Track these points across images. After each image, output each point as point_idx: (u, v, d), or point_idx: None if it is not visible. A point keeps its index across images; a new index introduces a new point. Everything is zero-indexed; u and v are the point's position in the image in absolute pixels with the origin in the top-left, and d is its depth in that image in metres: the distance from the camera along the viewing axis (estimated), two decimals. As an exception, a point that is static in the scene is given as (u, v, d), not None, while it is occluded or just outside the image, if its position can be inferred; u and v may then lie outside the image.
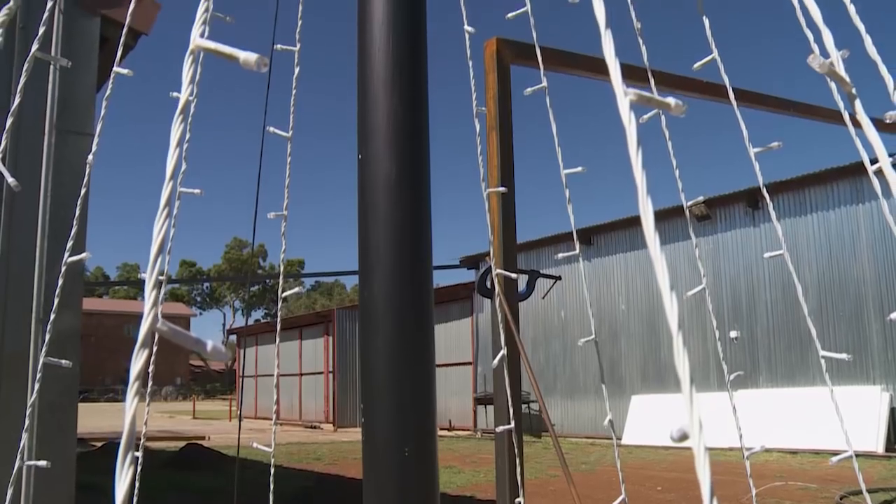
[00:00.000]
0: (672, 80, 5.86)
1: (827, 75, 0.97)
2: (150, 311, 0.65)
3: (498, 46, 4.69)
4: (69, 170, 5.12)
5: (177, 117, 0.71)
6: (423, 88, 1.60)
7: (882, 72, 1.42)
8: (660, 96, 0.73)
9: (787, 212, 17.10)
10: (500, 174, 4.41)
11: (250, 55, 0.71)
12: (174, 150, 0.69)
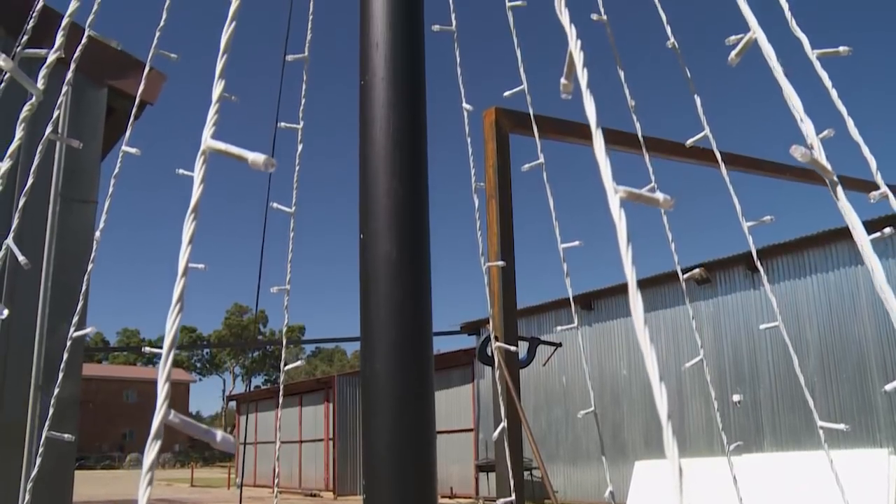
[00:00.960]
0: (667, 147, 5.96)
1: (809, 164, 1.01)
2: (162, 403, 0.68)
3: (497, 116, 4.79)
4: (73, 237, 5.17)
5: (189, 216, 0.74)
6: (422, 169, 1.65)
7: (864, 152, 1.47)
8: (648, 192, 0.77)
9: (787, 274, 17.14)
10: (499, 241, 4.47)
11: (258, 156, 0.75)
12: (186, 248, 0.72)
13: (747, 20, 1.21)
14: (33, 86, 1.18)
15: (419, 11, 1.78)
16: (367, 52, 1.69)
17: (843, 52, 1.53)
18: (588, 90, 0.80)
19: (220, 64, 0.84)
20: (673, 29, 2.43)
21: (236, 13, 0.87)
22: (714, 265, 17.99)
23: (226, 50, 0.85)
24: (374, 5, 1.75)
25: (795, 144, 1.00)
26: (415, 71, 1.69)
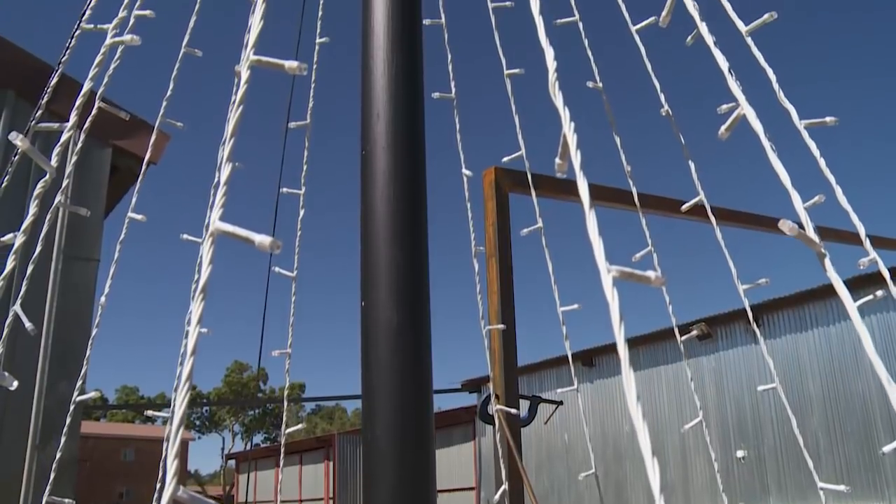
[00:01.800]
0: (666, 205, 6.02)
1: (797, 238, 1.04)
2: (171, 479, 0.70)
3: (496, 176, 4.85)
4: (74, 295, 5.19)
5: (197, 296, 0.77)
6: (422, 237, 1.68)
7: (853, 219, 1.50)
8: (640, 271, 0.80)
9: (788, 328, 17.10)
10: (500, 301, 4.49)
11: (265, 238, 0.78)
12: (195, 328, 0.75)
13: (735, 96, 1.26)
14: (47, 164, 1.21)
15: (420, 81, 1.83)
16: (368, 123, 1.74)
17: (829, 122, 1.58)
18: (581, 172, 0.84)
19: (227, 148, 0.87)
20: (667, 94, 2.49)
21: (244, 97, 0.91)
22: (715, 320, 17.97)
23: (233, 134, 0.88)
24: (375, 75, 1.80)
25: (783, 219, 1.03)
26: (415, 141, 1.74)
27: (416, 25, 1.86)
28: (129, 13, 1.68)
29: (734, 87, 1.27)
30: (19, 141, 1.09)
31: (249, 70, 0.92)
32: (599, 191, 5.43)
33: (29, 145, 1.11)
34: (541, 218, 2.51)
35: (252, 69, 0.98)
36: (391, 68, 1.76)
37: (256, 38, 0.95)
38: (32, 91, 5.28)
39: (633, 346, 19.30)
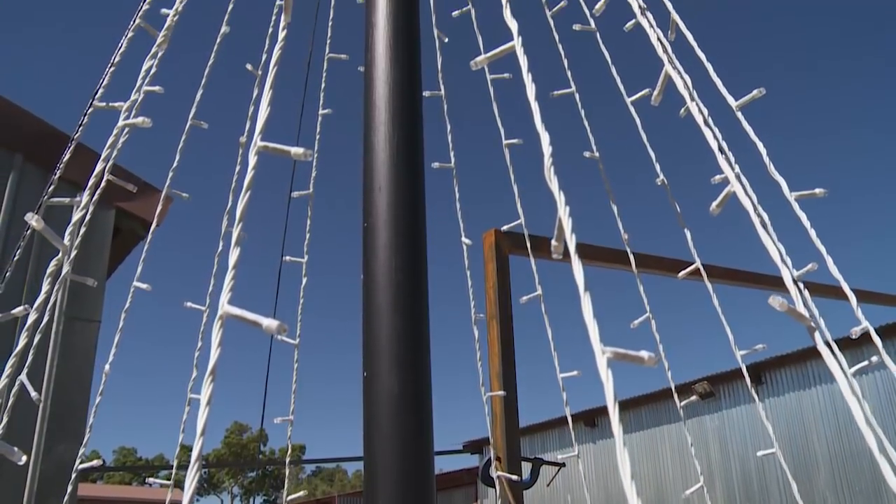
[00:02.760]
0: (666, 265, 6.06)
1: (787, 314, 1.07)
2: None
3: (496, 238, 4.91)
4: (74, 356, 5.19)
5: (206, 378, 0.80)
6: (424, 307, 1.71)
7: (845, 289, 1.53)
8: (633, 351, 0.83)
9: (791, 385, 17.00)
10: (500, 362, 4.50)
11: (272, 322, 0.81)
12: (204, 409, 0.78)
13: (725, 173, 1.30)
14: (60, 243, 1.25)
15: (420, 154, 1.88)
16: (370, 195, 1.79)
17: (819, 193, 1.62)
18: (576, 255, 0.87)
19: (235, 232, 0.91)
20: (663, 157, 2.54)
21: (251, 183, 0.95)
22: (718, 378, 17.87)
23: (240, 219, 0.92)
24: (376, 149, 1.85)
25: (773, 296, 1.06)
26: (416, 213, 1.78)
27: (416, 99, 1.92)
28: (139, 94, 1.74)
29: (724, 165, 1.32)
30: (34, 221, 1.13)
31: (257, 156, 0.96)
32: (599, 252, 5.48)
33: (43, 225, 1.15)
34: (540, 285, 2.55)
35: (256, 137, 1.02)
36: (392, 142, 1.82)
37: (264, 124, 0.99)
38: (40, 155, 5.37)
39: (637, 405, 19.17)
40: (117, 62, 1.91)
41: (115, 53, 1.91)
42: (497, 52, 1.12)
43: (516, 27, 1.13)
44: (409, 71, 1.92)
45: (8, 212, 4.96)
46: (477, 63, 1.13)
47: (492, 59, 1.11)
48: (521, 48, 1.09)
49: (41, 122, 5.56)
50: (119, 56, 1.91)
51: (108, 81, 1.88)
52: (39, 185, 5.30)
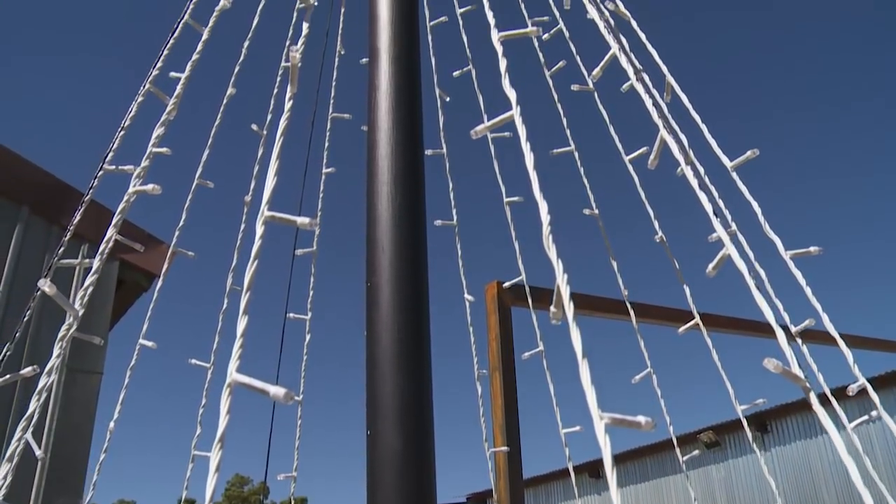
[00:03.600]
0: (670, 314, 6.06)
1: (781, 375, 1.09)
2: None
3: (498, 290, 4.93)
4: (75, 408, 5.16)
5: (215, 445, 0.82)
6: (426, 365, 1.73)
7: (841, 346, 1.55)
8: (630, 416, 0.85)
9: (798, 434, 16.85)
10: (504, 413, 4.49)
11: (279, 390, 0.83)
12: (213, 476, 0.80)
13: (721, 237, 1.33)
14: (71, 308, 1.28)
15: (422, 214, 1.92)
16: (373, 255, 1.82)
17: (814, 252, 1.65)
18: (574, 322, 0.90)
19: (243, 300, 0.94)
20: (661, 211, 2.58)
21: (259, 252, 0.98)
22: (723, 428, 17.71)
23: (249, 287, 0.95)
24: (379, 209, 1.89)
25: (768, 357, 1.09)
26: (418, 273, 1.81)
27: (418, 160, 1.96)
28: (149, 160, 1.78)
29: (719, 229, 1.35)
30: (46, 287, 1.16)
31: (264, 226, 0.99)
32: (601, 302, 5.49)
33: (55, 291, 1.18)
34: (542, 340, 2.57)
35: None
36: (394, 203, 1.85)
37: (270, 194, 1.03)
38: (45, 207, 5.42)
39: (641, 455, 18.95)
40: (127, 126, 1.96)
41: (126, 118, 1.96)
42: (496, 122, 1.15)
43: (515, 96, 1.16)
44: (411, 132, 1.97)
45: (13, 263, 4.99)
46: (477, 132, 1.17)
47: (491, 128, 1.15)
48: (519, 118, 1.12)
49: (47, 175, 5.62)
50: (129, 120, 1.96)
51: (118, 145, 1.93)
52: (44, 236, 5.34)
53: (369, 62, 2.11)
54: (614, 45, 1.74)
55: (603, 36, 1.78)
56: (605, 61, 1.80)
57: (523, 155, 1.09)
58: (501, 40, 1.26)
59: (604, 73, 2.23)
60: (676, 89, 1.86)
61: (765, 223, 1.67)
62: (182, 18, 2.12)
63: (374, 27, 2.12)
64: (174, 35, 2.09)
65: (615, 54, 1.72)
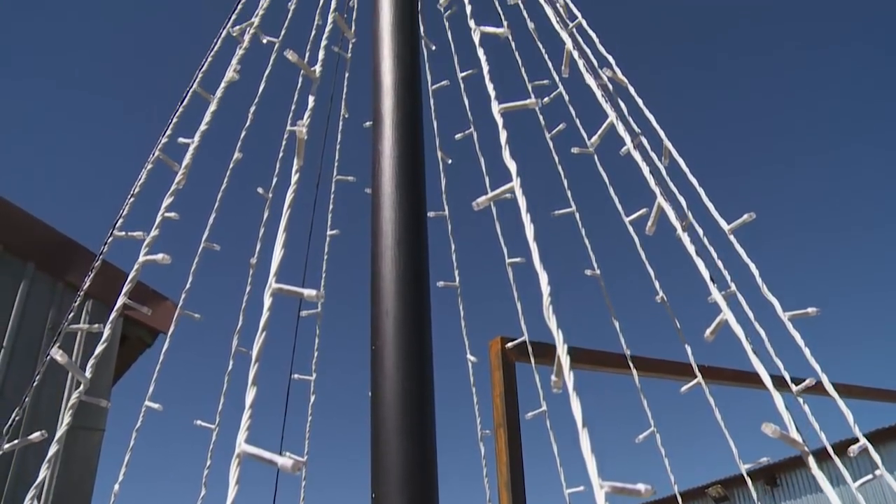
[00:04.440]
0: (667, 367, 6.04)
1: (780, 440, 1.11)
2: None
3: (502, 346, 4.93)
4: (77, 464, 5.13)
5: (225, 514, 0.84)
6: (430, 428, 1.75)
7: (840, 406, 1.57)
8: (630, 484, 0.87)
9: (808, 487, 16.64)
10: (509, 470, 4.47)
11: (287, 461, 0.85)
12: (221, 548, 0.82)
13: (717, 302, 1.36)
14: (83, 376, 1.30)
15: (426, 278, 1.95)
16: (377, 320, 1.84)
17: (811, 312, 1.67)
18: (574, 392, 0.92)
19: (252, 371, 0.96)
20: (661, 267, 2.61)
21: (267, 324, 1.01)
22: (731, 482, 17.51)
23: (257, 358, 0.97)
24: (384, 272, 1.92)
25: (766, 422, 1.10)
26: (422, 337, 1.84)
27: (421, 225, 2.00)
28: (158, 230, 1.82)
29: (716, 294, 1.37)
30: (59, 357, 1.18)
31: (272, 297, 1.02)
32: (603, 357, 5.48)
33: (68, 359, 1.21)
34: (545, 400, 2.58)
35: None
36: (398, 267, 1.88)
37: (278, 266, 1.06)
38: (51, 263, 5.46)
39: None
40: (137, 192, 2.00)
41: (135, 185, 2.00)
42: (497, 194, 1.19)
43: (515, 168, 1.20)
44: (414, 197, 2.01)
45: (17, 318, 5.02)
46: (479, 204, 1.20)
47: (492, 199, 1.19)
48: (519, 189, 1.16)
49: (54, 232, 5.68)
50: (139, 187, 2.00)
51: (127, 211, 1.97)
52: (49, 292, 5.37)
53: (373, 127, 2.16)
54: (611, 113, 1.79)
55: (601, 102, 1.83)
56: (602, 129, 1.85)
57: (524, 226, 1.13)
58: (502, 112, 1.31)
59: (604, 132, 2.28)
60: (674, 153, 1.91)
61: (762, 285, 1.69)
62: (191, 87, 2.18)
63: (378, 93, 2.17)
64: (183, 104, 2.15)
65: (612, 122, 1.77)
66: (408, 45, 2.24)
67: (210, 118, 1.98)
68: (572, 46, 1.91)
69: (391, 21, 2.27)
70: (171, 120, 2.11)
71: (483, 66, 1.52)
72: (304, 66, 1.51)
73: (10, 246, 5.22)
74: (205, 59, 2.26)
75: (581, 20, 2.27)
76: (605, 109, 1.80)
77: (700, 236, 1.93)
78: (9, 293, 5.09)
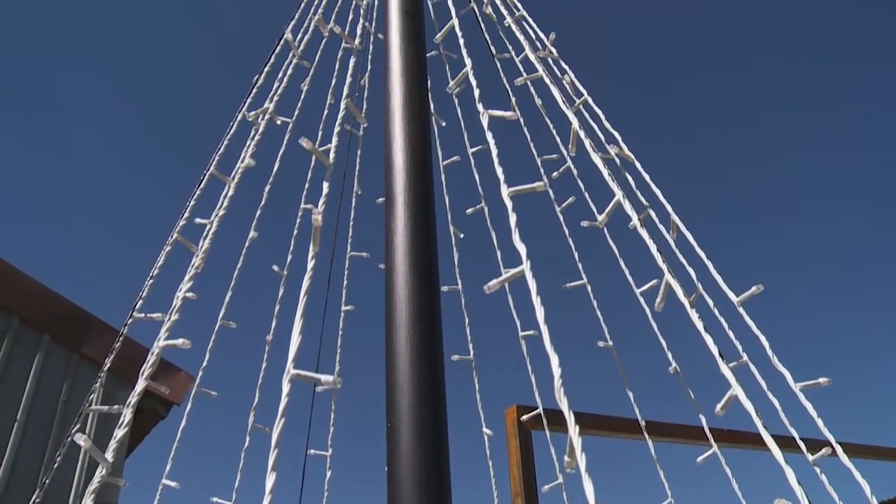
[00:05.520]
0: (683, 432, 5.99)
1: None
2: None
3: (518, 414, 4.91)
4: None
5: None
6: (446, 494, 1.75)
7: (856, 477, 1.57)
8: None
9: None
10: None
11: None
12: None
13: (727, 378, 1.38)
14: (105, 460, 1.33)
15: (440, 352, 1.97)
16: (392, 394, 1.86)
17: (823, 383, 1.69)
18: (587, 473, 0.94)
19: (272, 457, 0.99)
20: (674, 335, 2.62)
21: (286, 410, 1.03)
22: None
23: (276, 444, 1.00)
24: (398, 347, 1.94)
25: (777, 499, 1.11)
26: (437, 411, 1.85)
27: (434, 301, 2.02)
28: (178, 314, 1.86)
29: (726, 371, 1.39)
30: (82, 441, 1.21)
31: (290, 384, 1.05)
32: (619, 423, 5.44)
33: (90, 444, 1.23)
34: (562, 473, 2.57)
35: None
36: (412, 344, 1.90)
37: (296, 353, 1.09)
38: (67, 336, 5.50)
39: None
40: (156, 275, 2.05)
41: (154, 266, 2.05)
42: (508, 277, 1.22)
43: (525, 251, 1.24)
44: (428, 275, 2.04)
45: (32, 390, 5.05)
46: (490, 287, 1.24)
47: (504, 283, 1.22)
48: (529, 272, 1.19)
49: (69, 304, 5.74)
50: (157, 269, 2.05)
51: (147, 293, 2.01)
52: (63, 364, 5.40)
53: (385, 205, 2.21)
54: (618, 192, 1.83)
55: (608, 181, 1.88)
56: (610, 208, 1.89)
57: (534, 308, 1.16)
58: (511, 195, 1.35)
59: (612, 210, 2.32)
60: (681, 227, 1.94)
61: (773, 356, 1.71)
62: (208, 170, 2.24)
63: (390, 173, 2.23)
64: (200, 186, 2.21)
65: (619, 201, 1.81)
66: (418, 126, 2.30)
67: (227, 202, 2.04)
68: (579, 126, 1.96)
69: (401, 102, 2.33)
70: (188, 203, 2.17)
71: (492, 150, 1.57)
72: (317, 152, 1.56)
73: (26, 318, 5.28)
74: (220, 143, 2.33)
75: (587, 97, 2.34)
76: (612, 188, 1.84)
77: (710, 307, 1.95)
78: (24, 366, 5.13)
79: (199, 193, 2.19)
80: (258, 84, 2.61)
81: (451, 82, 2.13)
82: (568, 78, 2.43)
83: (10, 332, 5.09)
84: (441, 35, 2.38)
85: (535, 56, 2.45)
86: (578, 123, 2.00)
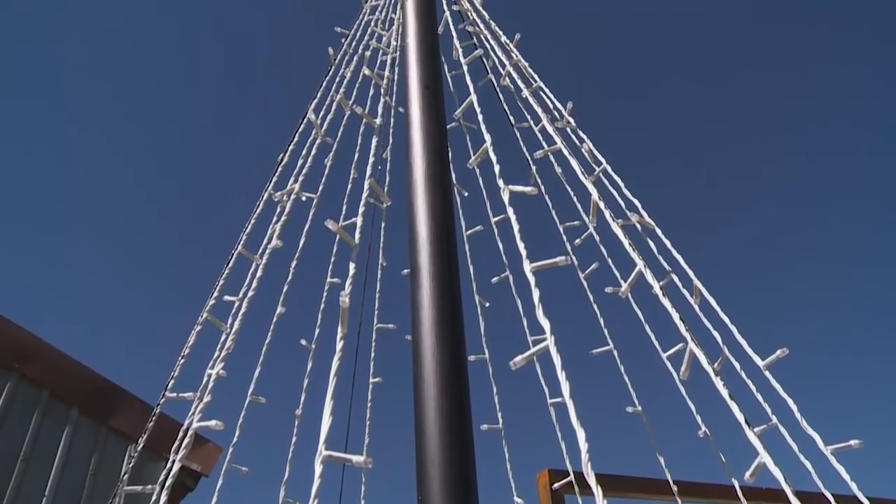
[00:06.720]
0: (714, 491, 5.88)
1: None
2: None
3: (550, 479, 4.86)
4: None
5: None
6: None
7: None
8: None
9: None
10: None
11: None
12: None
13: (755, 446, 1.38)
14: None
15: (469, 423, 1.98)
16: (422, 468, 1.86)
17: (854, 445, 1.68)
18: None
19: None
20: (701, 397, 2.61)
21: (319, 491, 1.05)
22: None
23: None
24: (427, 419, 1.95)
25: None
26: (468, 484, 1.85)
27: (462, 373, 2.04)
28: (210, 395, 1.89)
29: (753, 438, 1.39)
30: None
31: (322, 465, 1.07)
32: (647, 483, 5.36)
33: None
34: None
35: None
36: (442, 416, 1.91)
37: (327, 434, 1.11)
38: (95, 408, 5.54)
39: None
40: (187, 354, 2.08)
41: (185, 346, 2.09)
42: (533, 353, 1.24)
43: (549, 326, 1.26)
44: (454, 347, 2.06)
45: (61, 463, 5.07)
46: (516, 363, 1.26)
47: (529, 359, 1.24)
48: (553, 347, 1.21)
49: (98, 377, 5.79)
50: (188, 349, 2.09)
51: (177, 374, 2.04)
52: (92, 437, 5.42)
53: (410, 278, 2.24)
54: (639, 261, 1.85)
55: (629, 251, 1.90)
56: (632, 278, 1.90)
57: (559, 382, 1.17)
58: (534, 271, 1.37)
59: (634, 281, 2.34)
60: (704, 293, 1.96)
61: (801, 419, 1.70)
62: (236, 249, 2.29)
63: (414, 246, 2.26)
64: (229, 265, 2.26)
65: (641, 271, 1.83)
66: (441, 199, 2.34)
67: (255, 283, 2.08)
68: (598, 196, 1.99)
69: (424, 175, 2.38)
70: (217, 281, 2.22)
71: (513, 225, 1.60)
72: (343, 234, 1.60)
73: (55, 392, 5.32)
74: (248, 222, 2.38)
75: (605, 165, 2.37)
76: (633, 258, 1.87)
77: (737, 370, 1.95)
78: (53, 440, 5.16)
79: (227, 273, 2.24)
80: (283, 163, 2.68)
81: (472, 158, 2.17)
82: (587, 146, 2.48)
83: (40, 406, 5.14)
84: (461, 110, 2.44)
85: (553, 127, 2.49)
86: (598, 194, 2.03)
